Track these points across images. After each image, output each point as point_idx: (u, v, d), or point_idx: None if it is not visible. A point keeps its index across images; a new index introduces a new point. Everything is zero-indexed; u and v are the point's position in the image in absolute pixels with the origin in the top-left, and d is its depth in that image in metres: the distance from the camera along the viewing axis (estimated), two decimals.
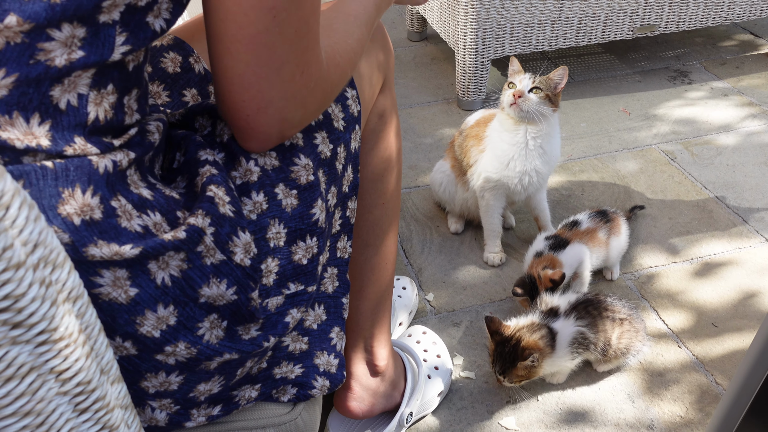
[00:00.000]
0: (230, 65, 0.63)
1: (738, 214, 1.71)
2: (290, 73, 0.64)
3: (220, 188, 0.67)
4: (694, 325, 1.41)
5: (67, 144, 0.56)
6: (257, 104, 0.65)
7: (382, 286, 1.08)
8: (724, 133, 2.04)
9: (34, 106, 0.55)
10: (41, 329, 0.44)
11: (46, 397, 0.47)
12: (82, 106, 0.57)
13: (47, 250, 0.45)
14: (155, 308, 0.61)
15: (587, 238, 1.45)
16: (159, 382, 0.67)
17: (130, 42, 0.59)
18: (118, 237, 0.58)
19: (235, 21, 0.61)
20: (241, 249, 0.67)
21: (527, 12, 2.06)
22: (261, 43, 0.62)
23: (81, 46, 0.55)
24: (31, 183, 0.54)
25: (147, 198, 0.62)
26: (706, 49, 2.53)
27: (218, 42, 0.63)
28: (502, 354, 1.20)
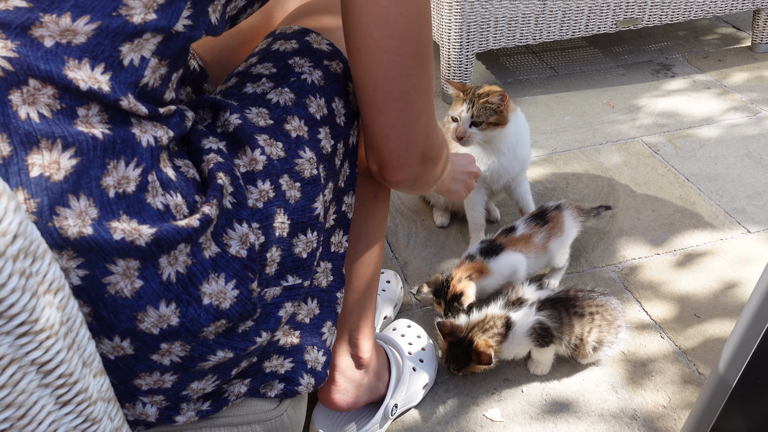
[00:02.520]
0: (383, 122, 0.81)
1: (720, 206, 1.72)
2: (425, 120, 0.83)
3: (227, 176, 0.70)
4: (676, 315, 1.42)
5: (123, 95, 0.61)
6: (406, 146, 0.83)
7: (369, 279, 1.08)
8: (706, 126, 2.06)
9: (104, 57, 0.60)
10: (22, 320, 0.44)
11: (27, 389, 0.47)
12: (141, 68, 0.62)
13: (27, 242, 0.45)
14: (157, 305, 0.62)
15: (522, 244, 1.40)
16: (153, 380, 0.67)
17: (192, 18, 0.65)
18: (140, 212, 0.61)
19: (384, 89, 0.79)
20: (237, 241, 0.68)
21: (511, 6, 2.06)
22: (404, 101, 0.80)
23: (156, 10, 0.61)
24: (82, 152, 0.58)
25: (171, 179, 0.65)
26: (688, 43, 2.55)
27: (372, 107, 0.81)
28: (456, 354, 1.23)
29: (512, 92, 2.25)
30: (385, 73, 0.77)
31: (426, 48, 0.79)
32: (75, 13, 0.58)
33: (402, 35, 0.75)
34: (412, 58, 0.77)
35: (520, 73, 2.38)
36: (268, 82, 0.80)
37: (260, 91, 0.79)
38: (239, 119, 0.75)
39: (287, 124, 0.77)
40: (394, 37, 0.75)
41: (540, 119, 2.11)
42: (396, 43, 0.75)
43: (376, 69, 0.77)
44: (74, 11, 0.58)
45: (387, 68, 0.77)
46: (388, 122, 0.81)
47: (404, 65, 0.77)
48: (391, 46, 0.75)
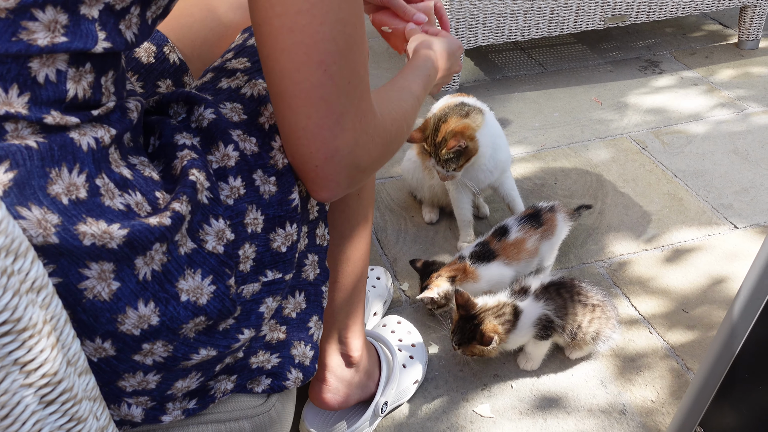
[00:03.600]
0: (294, 120, 0.68)
1: (707, 202, 1.73)
2: (350, 122, 0.68)
3: (201, 173, 0.67)
4: (665, 311, 1.43)
5: (44, 113, 0.57)
6: (324, 154, 0.69)
7: (356, 277, 1.07)
8: (693, 122, 2.07)
9: (12, 77, 0.55)
10: (4, 319, 0.43)
11: (10, 389, 0.46)
12: (61, 82, 0.58)
13: (8, 239, 0.44)
14: (136, 305, 0.60)
15: (515, 251, 1.39)
16: (137, 381, 0.66)
17: (110, 41, 0.60)
18: (103, 214, 0.58)
19: (291, 78, 0.65)
20: (213, 237, 0.67)
21: (500, 2, 2.06)
22: (317, 96, 0.66)
23: (64, 33, 0.57)
24: (18, 164, 0.54)
25: (127, 178, 0.63)
26: (676, 39, 2.56)
27: (280, 99, 0.68)
28: (462, 329, 1.22)
29: (501, 88, 2.26)
30: (291, 56, 0.64)
31: (350, 28, 0.66)
32: None
33: (312, 11, 0.63)
34: (328, 41, 0.64)
35: (509, 69, 2.38)
36: (243, 76, 0.79)
37: (234, 86, 0.77)
38: (213, 114, 0.73)
39: (260, 117, 0.75)
40: (301, 14, 0.63)
41: (528, 115, 2.11)
42: (305, 21, 0.63)
43: (280, 52, 0.65)
44: None
45: (293, 52, 0.64)
46: (299, 122, 0.68)
47: (316, 49, 0.64)
48: (297, 23, 0.63)
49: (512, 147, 1.96)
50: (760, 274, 0.82)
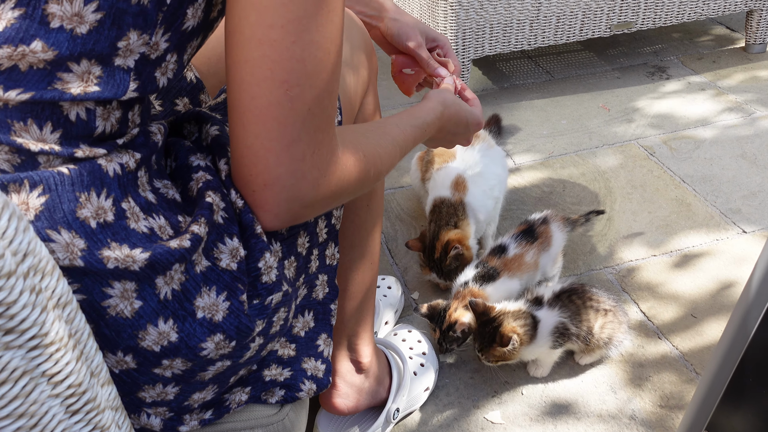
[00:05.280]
0: (241, 136, 0.64)
1: (715, 207, 1.74)
2: (301, 152, 0.64)
3: (216, 194, 0.69)
4: (673, 316, 1.44)
5: (75, 148, 0.60)
6: (264, 179, 0.65)
7: (366, 286, 1.10)
8: (701, 127, 2.08)
9: (47, 116, 0.59)
10: (33, 334, 0.46)
11: (38, 399, 0.49)
12: (91, 120, 0.61)
13: (36, 259, 0.47)
14: (156, 322, 0.63)
15: (516, 267, 1.40)
16: (156, 392, 0.69)
17: (139, 90, 0.62)
18: (128, 238, 0.61)
19: (249, 91, 0.62)
20: (227, 254, 0.69)
21: (506, 12, 2.08)
22: (272, 116, 0.62)
23: (97, 83, 0.59)
24: (50, 188, 0.58)
25: (152, 202, 0.66)
26: (683, 45, 2.57)
27: (233, 111, 0.65)
28: (482, 333, 1.24)
29: (508, 97, 2.28)
30: (253, 70, 0.61)
31: (323, 53, 0.63)
32: (7, 86, 0.57)
33: (286, 27, 0.60)
34: (296, 60, 0.61)
35: (516, 77, 2.40)
36: None
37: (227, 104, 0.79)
38: (217, 131, 0.75)
39: None
40: (274, 28, 0.60)
41: (536, 123, 2.13)
42: (276, 36, 0.60)
43: (243, 63, 0.62)
44: (6, 84, 0.57)
45: (257, 64, 0.61)
46: (246, 139, 0.64)
47: (282, 66, 0.61)
48: (268, 37, 0.60)
49: (520, 155, 1.98)
50: (763, 278, 0.84)
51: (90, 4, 0.57)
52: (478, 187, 1.52)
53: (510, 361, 1.25)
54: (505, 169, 1.65)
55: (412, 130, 0.85)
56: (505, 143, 2.03)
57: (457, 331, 1.28)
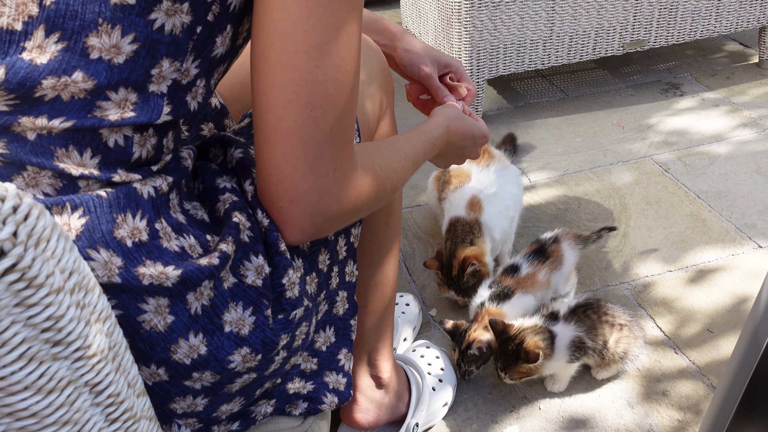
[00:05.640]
0: (269, 156, 0.68)
1: (731, 222, 1.75)
2: (324, 168, 0.68)
3: (242, 214, 0.72)
4: (690, 331, 1.45)
5: (113, 173, 0.64)
6: (290, 196, 0.69)
7: (385, 302, 1.13)
8: (716, 143, 2.09)
9: (87, 142, 0.63)
10: (77, 346, 0.50)
11: (81, 407, 0.52)
12: (128, 146, 0.65)
13: (80, 276, 0.51)
14: (187, 336, 0.67)
15: (529, 284, 1.42)
16: (186, 404, 0.72)
17: (172, 114, 0.67)
18: (161, 256, 0.65)
19: (275, 113, 0.66)
20: (253, 271, 0.72)
21: (519, 32, 2.12)
22: (297, 135, 0.66)
23: (133, 109, 0.63)
24: (90, 210, 0.62)
25: (182, 222, 0.69)
26: (696, 61, 2.59)
27: (259, 133, 0.69)
28: (504, 352, 1.25)
29: (523, 116, 2.31)
30: (279, 93, 0.65)
31: (344, 76, 0.67)
32: (51, 115, 0.61)
33: (309, 53, 0.64)
34: (320, 84, 0.65)
35: (531, 96, 2.43)
36: None
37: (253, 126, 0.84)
38: (241, 153, 0.79)
39: None
40: (298, 53, 0.64)
41: (551, 141, 2.16)
42: (300, 61, 0.64)
43: (270, 87, 0.66)
44: (50, 113, 0.61)
45: (283, 88, 0.65)
46: (273, 158, 0.68)
47: (306, 89, 0.65)
48: (293, 62, 0.64)
49: (535, 173, 2.00)
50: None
51: (127, 36, 0.61)
52: (493, 207, 1.55)
53: (533, 376, 1.27)
54: (520, 188, 1.68)
55: (422, 145, 0.89)
56: (521, 161, 2.06)
57: (473, 349, 1.30)
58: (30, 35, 0.59)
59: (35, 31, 0.59)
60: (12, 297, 0.43)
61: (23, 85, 0.59)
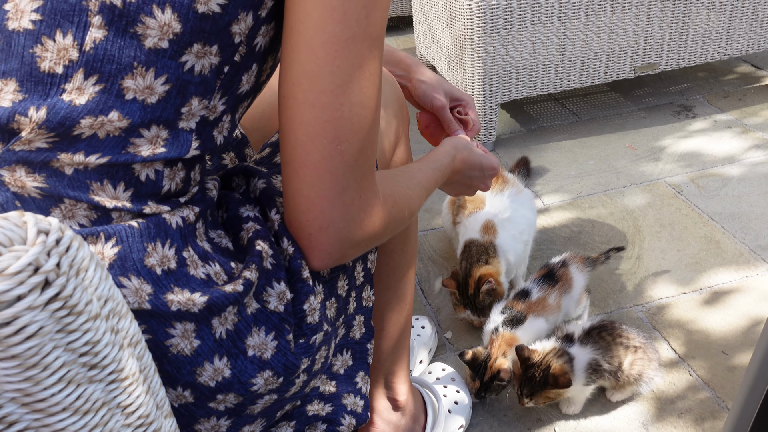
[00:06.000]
0: (297, 187, 0.72)
1: (744, 243, 1.76)
2: (350, 197, 0.72)
3: (265, 242, 0.76)
4: (704, 353, 1.46)
5: (144, 205, 0.68)
6: (319, 224, 0.73)
7: (401, 326, 1.15)
8: (728, 165, 2.10)
9: (120, 176, 0.66)
10: (112, 369, 0.53)
11: (114, 428, 0.55)
12: (159, 180, 0.69)
13: (115, 303, 0.54)
14: (212, 359, 0.70)
15: (540, 308, 1.44)
16: (210, 425, 0.75)
17: (200, 148, 0.71)
18: (188, 283, 0.68)
19: (303, 147, 0.70)
20: (275, 297, 0.75)
21: (531, 57, 2.16)
22: (325, 168, 0.70)
23: (164, 145, 0.67)
24: (122, 240, 0.65)
25: (208, 251, 0.73)
26: (708, 83, 2.61)
27: (288, 165, 0.73)
28: (531, 379, 1.27)
29: (536, 139, 2.34)
30: (307, 129, 0.69)
31: (367, 111, 0.71)
32: (87, 152, 0.65)
33: (335, 92, 0.68)
34: (345, 120, 0.69)
35: (544, 120, 2.46)
36: None
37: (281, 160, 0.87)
38: (264, 183, 0.82)
39: None
40: (324, 93, 0.68)
41: (564, 164, 2.18)
42: (327, 100, 0.68)
43: (298, 124, 0.70)
44: (87, 150, 0.65)
45: (311, 125, 0.69)
46: (302, 189, 0.72)
47: (333, 125, 0.69)
48: (320, 101, 0.68)
49: (549, 196, 2.03)
50: None
51: (160, 77, 0.65)
52: (507, 232, 1.57)
53: (556, 399, 1.28)
54: (534, 211, 1.70)
55: (432, 173, 0.93)
56: (534, 184, 2.09)
57: (504, 380, 1.31)
58: (70, 78, 0.63)
59: (75, 74, 0.63)
60: (55, 324, 0.46)
61: (63, 124, 0.63)
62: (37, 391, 0.47)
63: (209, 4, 0.65)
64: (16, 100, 0.63)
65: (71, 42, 0.63)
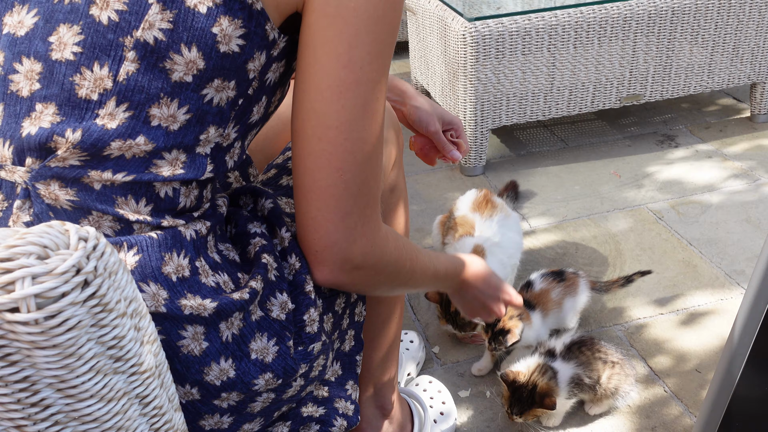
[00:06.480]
0: (306, 210, 0.81)
1: (720, 268, 1.84)
2: (353, 222, 0.80)
3: (270, 256, 0.84)
4: (679, 371, 1.53)
5: (162, 219, 0.75)
6: (324, 243, 0.81)
7: (391, 338, 1.22)
8: (708, 193, 2.19)
9: (143, 193, 0.74)
10: (133, 363, 0.60)
11: (132, 416, 0.62)
12: (176, 197, 0.77)
13: (137, 304, 0.61)
14: (218, 360, 0.77)
15: (543, 300, 1.53)
16: (214, 421, 0.81)
17: (214, 171, 0.79)
18: (200, 290, 0.75)
19: (311, 176, 0.79)
20: (278, 307, 0.83)
21: (521, 85, 2.25)
22: (330, 194, 0.79)
23: (182, 167, 0.75)
24: (143, 249, 0.73)
25: (218, 261, 0.80)
26: (691, 114, 2.71)
27: (299, 190, 0.81)
28: (520, 398, 1.33)
29: (525, 164, 2.42)
30: (315, 160, 0.78)
31: (369, 146, 0.79)
32: (115, 170, 0.73)
33: (341, 128, 0.76)
34: (348, 153, 0.77)
35: (533, 145, 2.55)
36: None
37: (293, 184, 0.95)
38: (272, 204, 0.90)
39: None
40: (330, 129, 0.76)
41: (551, 189, 2.26)
42: (332, 135, 0.76)
43: (307, 154, 0.78)
44: (115, 169, 0.73)
45: (318, 156, 0.77)
46: (310, 212, 0.80)
47: (337, 157, 0.77)
48: (326, 135, 0.77)
49: (536, 219, 2.11)
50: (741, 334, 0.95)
51: (182, 107, 0.73)
52: (495, 257, 1.65)
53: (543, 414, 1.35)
54: (520, 234, 1.77)
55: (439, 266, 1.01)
56: (522, 207, 2.17)
57: (507, 342, 1.41)
58: (103, 104, 0.71)
59: (108, 101, 0.71)
60: (90, 318, 0.53)
61: (95, 145, 0.71)
62: (70, 378, 0.54)
63: (230, 44, 0.73)
64: (55, 122, 0.71)
65: (107, 73, 0.70)
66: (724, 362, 1.00)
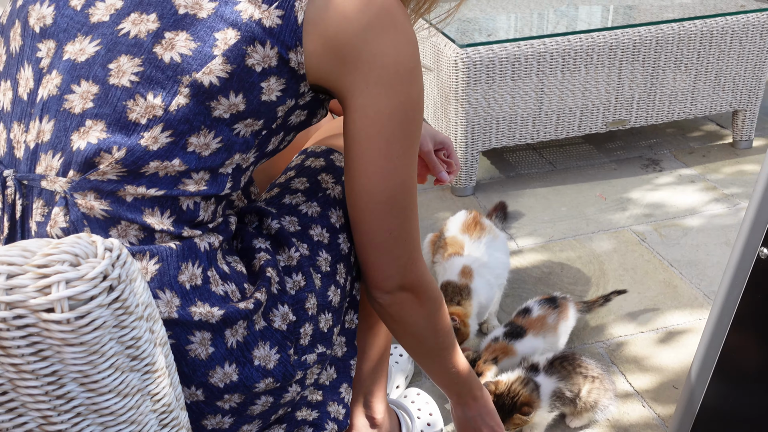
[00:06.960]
0: (365, 256, 0.99)
1: (699, 289, 1.92)
2: (403, 263, 0.99)
3: (274, 270, 0.91)
4: (657, 387, 1.59)
5: (182, 229, 0.83)
6: (384, 276, 1.00)
7: (381, 349, 1.28)
8: (689, 216, 2.27)
9: (168, 205, 0.82)
10: (147, 362, 0.66)
11: (143, 411, 0.68)
12: (196, 210, 0.84)
13: (152, 309, 0.67)
14: (223, 365, 0.83)
15: (538, 325, 1.60)
16: (216, 421, 0.87)
17: (231, 188, 0.87)
18: (209, 298, 0.82)
19: (368, 235, 0.97)
20: (279, 318, 0.90)
21: (510, 109, 2.33)
22: (385, 247, 0.97)
23: (206, 184, 0.83)
24: (163, 258, 0.80)
25: (226, 272, 0.86)
26: (676, 139, 2.80)
27: (359, 243, 0.99)
28: (502, 407, 1.39)
29: (514, 185, 2.50)
30: (368, 224, 0.95)
31: (407, 210, 0.96)
32: (148, 186, 0.81)
33: (386, 202, 0.93)
34: (393, 218, 0.95)
35: (522, 167, 2.63)
36: (302, 196, 1.04)
37: (294, 203, 1.03)
38: (278, 224, 0.99)
39: (311, 230, 1.01)
40: (378, 204, 0.93)
41: (539, 210, 2.34)
42: (380, 208, 0.93)
43: (360, 220, 0.95)
44: (148, 184, 0.81)
45: (370, 222, 0.95)
46: (369, 258, 0.99)
47: (385, 222, 0.94)
48: (375, 209, 0.93)
49: (523, 239, 2.18)
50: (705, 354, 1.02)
51: (216, 138, 0.82)
52: (483, 278, 1.71)
53: (524, 425, 1.41)
54: (507, 255, 1.84)
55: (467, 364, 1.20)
56: (510, 227, 2.24)
57: None
58: (149, 129, 0.79)
59: (155, 126, 0.79)
60: (114, 320, 0.59)
61: (136, 163, 0.78)
62: (93, 374, 0.60)
63: (271, 95, 0.82)
64: (101, 138, 0.78)
65: (160, 102, 0.78)
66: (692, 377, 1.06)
